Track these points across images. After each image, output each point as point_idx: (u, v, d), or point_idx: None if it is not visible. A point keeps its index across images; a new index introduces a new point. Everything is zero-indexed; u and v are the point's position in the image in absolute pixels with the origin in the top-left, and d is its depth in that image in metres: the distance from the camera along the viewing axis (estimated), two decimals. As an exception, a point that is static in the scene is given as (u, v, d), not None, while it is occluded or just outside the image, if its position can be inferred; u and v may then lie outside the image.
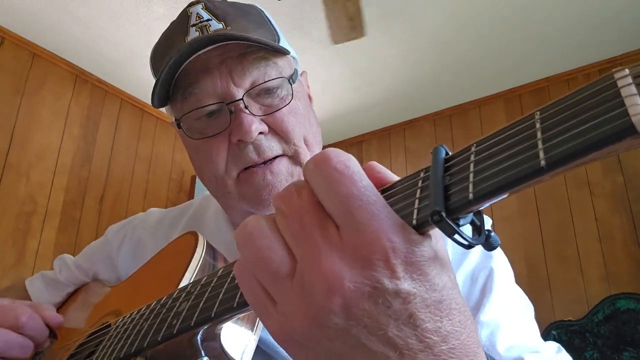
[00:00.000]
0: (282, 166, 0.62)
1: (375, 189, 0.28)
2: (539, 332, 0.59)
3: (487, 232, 0.28)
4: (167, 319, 0.43)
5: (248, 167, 0.61)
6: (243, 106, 0.60)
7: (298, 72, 0.67)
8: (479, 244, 0.27)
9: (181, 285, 0.51)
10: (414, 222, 0.27)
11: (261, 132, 0.60)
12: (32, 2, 2.34)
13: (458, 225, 0.26)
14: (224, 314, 0.37)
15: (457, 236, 0.26)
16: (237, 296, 0.35)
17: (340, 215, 0.28)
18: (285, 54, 0.65)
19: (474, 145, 0.27)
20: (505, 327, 0.55)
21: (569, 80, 2.89)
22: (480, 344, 0.30)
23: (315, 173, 0.29)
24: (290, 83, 0.64)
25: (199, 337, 0.43)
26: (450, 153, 0.29)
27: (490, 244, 0.28)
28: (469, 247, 0.27)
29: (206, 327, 0.41)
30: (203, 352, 0.43)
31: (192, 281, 0.46)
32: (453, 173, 0.27)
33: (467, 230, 0.27)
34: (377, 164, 0.32)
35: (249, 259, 0.30)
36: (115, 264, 0.79)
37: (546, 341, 0.57)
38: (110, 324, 0.57)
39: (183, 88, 0.61)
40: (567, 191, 2.73)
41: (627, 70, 0.22)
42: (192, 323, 0.39)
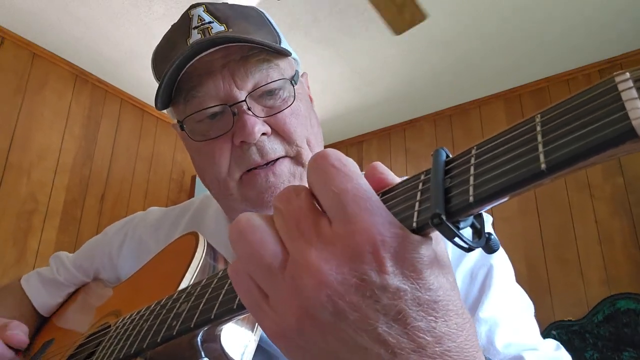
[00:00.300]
0: (284, 167, 0.62)
1: (370, 187, 0.28)
2: (539, 331, 0.58)
3: (487, 235, 0.28)
4: (167, 320, 0.43)
5: (250, 169, 0.61)
6: (246, 108, 0.60)
7: (299, 73, 0.67)
8: (478, 247, 0.27)
9: (181, 286, 0.51)
10: (414, 224, 0.27)
11: (264, 134, 0.60)
12: (32, 2, 2.34)
13: (458, 228, 0.26)
14: (224, 316, 0.37)
15: (457, 239, 0.26)
16: (237, 298, 0.35)
17: (333, 208, 0.28)
18: (286, 55, 0.65)
19: (475, 148, 0.27)
20: (504, 324, 0.55)
21: (568, 80, 2.89)
22: (480, 348, 0.29)
23: (312, 167, 0.29)
24: (292, 84, 0.64)
25: (199, 338, 0.43)
26: (450, 156, 0.29)
27: (490, 247, 0.28)
28: (469, 250, 0.27)
29: (206, 328, 0.41)
30: (203, 354, 0.44)
31: (192, 282, 0.46)
32: (453, 176, 0.27)
33: (467, 233, 0.27)
34: (380, 165, 0.32)
35: (242, 256, 0.30)
36: (115, 263, 0.79)
37: (545, 339, 0.56)
38: (110, 324, 0.57)
39: (186, 90, 0.61)
40: (567, 194, 2.73)
41: (628, 74, 0.22)
42: (192, 324, 0.39)
